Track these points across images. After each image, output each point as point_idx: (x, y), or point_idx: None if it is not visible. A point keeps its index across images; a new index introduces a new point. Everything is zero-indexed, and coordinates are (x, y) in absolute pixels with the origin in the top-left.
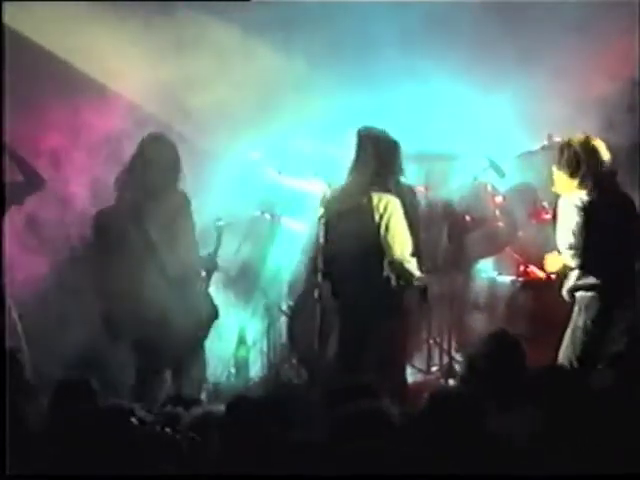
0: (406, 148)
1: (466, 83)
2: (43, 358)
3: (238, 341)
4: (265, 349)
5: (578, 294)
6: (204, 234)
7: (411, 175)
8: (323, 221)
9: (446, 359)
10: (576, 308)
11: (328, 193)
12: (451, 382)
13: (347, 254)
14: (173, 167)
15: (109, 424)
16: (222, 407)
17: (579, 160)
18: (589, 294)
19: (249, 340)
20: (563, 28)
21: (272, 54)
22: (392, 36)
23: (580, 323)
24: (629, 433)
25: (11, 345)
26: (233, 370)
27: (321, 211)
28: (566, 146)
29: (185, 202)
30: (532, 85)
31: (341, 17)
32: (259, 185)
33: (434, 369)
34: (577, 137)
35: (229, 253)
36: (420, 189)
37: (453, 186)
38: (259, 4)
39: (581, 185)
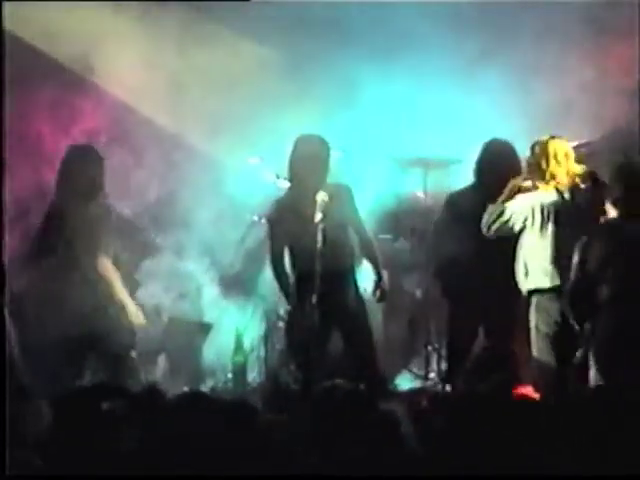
0: (405, 153)
1: (465, 88)
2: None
3: (235, 346)
4: (263, 354)
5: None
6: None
7: (410, 180)
8: (322, 226)
9: (444, 365)
10: (531, 308)
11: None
12: (448, 388)
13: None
14: (94, 179)
15: (108, 424)
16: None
17: (545, 160)
18: (544, 296)
19: (246, 345)
20: (563, 30)
21: (273, 57)
22: (392, 41)
23: (532, 325)
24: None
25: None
26: (230, 375)
27: (319, 216)
28: (534, 147)
29: (106, 214)
30: (532, 89)
31: (344, 21)
32: (258, 189)
33: (432, 375)
34: (543, 139)
35: (227, 258)
36: (419, 194)
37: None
38: (259, 4)
39: (549, 185)
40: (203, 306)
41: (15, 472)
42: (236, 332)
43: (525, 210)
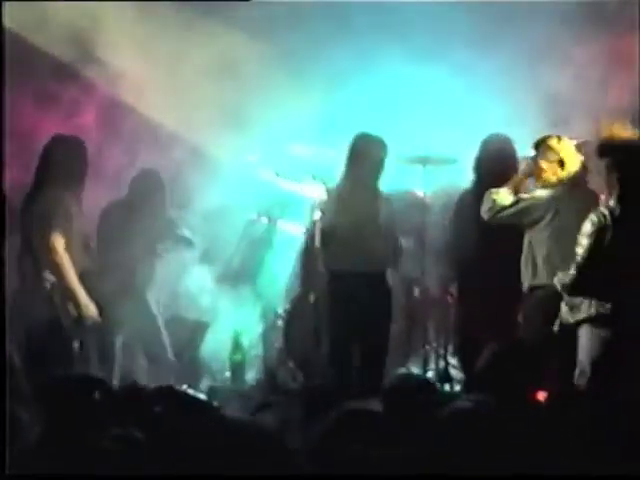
0: (403, 152)
1: (465, 86)
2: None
3: (233, 345)
4: (261, 353)
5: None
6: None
7: (408, 179)
8: (320, 225)
9: (442, 364)
10: (532, 305)
11: (326, 196)
12: (447, 387)
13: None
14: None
15: (108, 423)
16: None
17: (559, 159)
18: (547, 293)
19: (245, 344)
20: (563, 30)
21: (274, 55)
22: (391, 39)
23: (530, 321)
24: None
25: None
26: (228, 374)
27: (318, 214)
28: (542, 144)
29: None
30: (532, 88)
31: (340, 19)
32: (256, 188)
33: (430, 374)
34: (554, 137)
35: (225, 256)
36: (418, 192)
37: (451, 190)
38: (259, 4)
39: (553, 183)
40: (201, 304)
41: (15, 472)
42: (234, 331)
43: (543, 205)
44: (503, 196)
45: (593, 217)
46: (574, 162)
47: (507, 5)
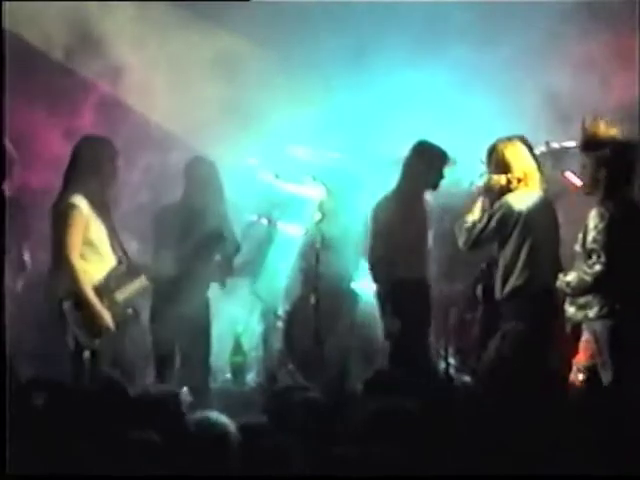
0: (402, 154)
1: (464, 88)
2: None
3: (234, 347)
4: (261, 354)
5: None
6: None
7: None
8: (320, 226)
9: (443, 364)
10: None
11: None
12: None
13: None
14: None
15: (108, 423)
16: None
17: (506, 163)
18: (525, 298)
19: (245, 345)
20: (563, 29)
21: (270, 57)
22: (390, 39)
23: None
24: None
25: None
26: (229, 375)
27: (318, 216)
28: (493, 150)
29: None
30: (532, 87)
31: (340, 20)
32: (256, 189)
33: None
34: (502, 141)
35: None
36: None
37: (450, 191)
38: (259, 4)
39: (506, 187)
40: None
41: (15, 472)
42: (235, 333)
43: (512, 214)
44: (473, 221)
45: (598, 212)
46: (523, 167)
47: (507, 4)
